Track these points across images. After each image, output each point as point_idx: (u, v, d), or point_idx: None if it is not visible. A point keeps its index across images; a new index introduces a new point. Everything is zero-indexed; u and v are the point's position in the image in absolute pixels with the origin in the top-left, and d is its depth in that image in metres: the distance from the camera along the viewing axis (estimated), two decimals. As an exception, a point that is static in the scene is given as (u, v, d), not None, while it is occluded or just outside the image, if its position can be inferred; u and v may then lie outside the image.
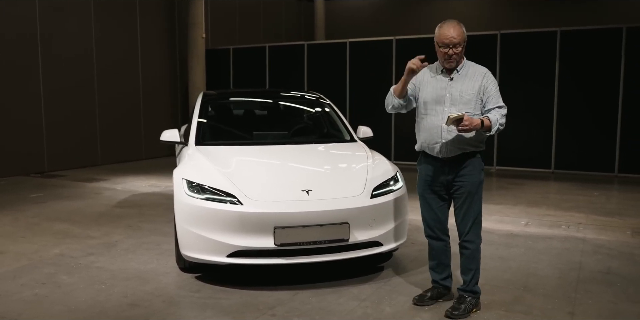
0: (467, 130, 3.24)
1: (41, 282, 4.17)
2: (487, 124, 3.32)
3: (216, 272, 4.28)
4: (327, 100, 6.02)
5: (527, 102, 9.69)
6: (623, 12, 14.61)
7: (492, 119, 3.35)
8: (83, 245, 5.15)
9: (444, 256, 3.72)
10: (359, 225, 3.98)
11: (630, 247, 5.10)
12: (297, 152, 4.96)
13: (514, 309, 3.64)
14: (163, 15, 12.43)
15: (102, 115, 10.92)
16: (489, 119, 3.34)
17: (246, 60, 12.84)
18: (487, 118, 3.35)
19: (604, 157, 9.40)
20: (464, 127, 3.22)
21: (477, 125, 3.25)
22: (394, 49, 10.92)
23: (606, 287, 4.03)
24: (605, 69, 9.30)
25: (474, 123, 3.23)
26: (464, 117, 3.20)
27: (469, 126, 3.21)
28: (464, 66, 3.52)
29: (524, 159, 9.97)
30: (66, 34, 10.16)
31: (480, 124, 3.27)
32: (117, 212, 6.60)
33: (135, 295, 3.88)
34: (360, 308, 3.66)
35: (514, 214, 6.45)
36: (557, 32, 9.62)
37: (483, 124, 3.29)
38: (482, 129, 3.32)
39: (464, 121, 3.20)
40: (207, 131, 5.29)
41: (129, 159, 11.52)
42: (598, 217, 6.29)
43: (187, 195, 4.06)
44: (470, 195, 3.49)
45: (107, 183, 8.76)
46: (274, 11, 16.61)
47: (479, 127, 3.27)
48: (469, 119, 3.22)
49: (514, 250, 4.99)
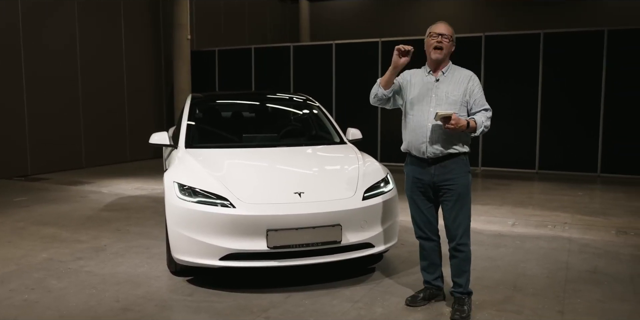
0: (452, 129, 3.31)
1: (30, 287, 4.12)
2: (473, 126, 3.41)
3: (208, 275, 4.28)
4: (316, 103, 6.04)
5: (511, 103, 9.80)
6: (605, 15, 14.83)
7: (477, 121, 3.44)
8: (71, 250, 5.11)
9: (435, 256, 3.75)
10: (351, 227, 4.01)
11: (615, 246, 5.19)
12: (288, 155, 4.96)
13: (505, 308, 3.68)
14: (148, 16, 12.36)
15: (86, 117, 10.83)
16: (475, 120, 3.43)
17: (232, 61, 12.81)
18: (473, 120, 3.43)
19: (587, 157, 9.55)
20: (450, 126, 3.29)
21: (462, 126, 3.33)
22: (380, 51, 10.98)
23: (594, 286, 4.10)
24: (588, 70, 9.46)
25: (460, 123, 3.31)
26: (452, 116, 3.28)
27: (454, 126, 3.28)
28: (450, 69, 3.60)
29: (508, 159, 10.09)
30: (49, 36, 10.06)
31: (466, 125, 3.35)
32: (104, 216, 6.55)
33: (127, 300, 3.86)
34: (354, 309, 3.68)
35: (500, 214, 6.53)
36: (540, 35, 9.76)
37: (469, 125, 3.37)
38: (468, 130, 3.40)
39: (451, 120, 3.27)
40: (196, 134, 5.27)
41: (113, 162, 11.44)
42: (583, 217, 6.38)
43: (179, 199, 4.04)
44: (461, 198, 3.53)
45: (93, 186, 8.69)
46: (258, 12, 16.59)
47: (465, 128, 3.35)
48: (456, 118, 3.29)
49: (502, 250, 5.05)
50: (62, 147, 10.36)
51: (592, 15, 14.98)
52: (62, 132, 10.37)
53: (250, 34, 16.02)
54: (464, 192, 3.54)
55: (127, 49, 11.76)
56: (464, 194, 3.54)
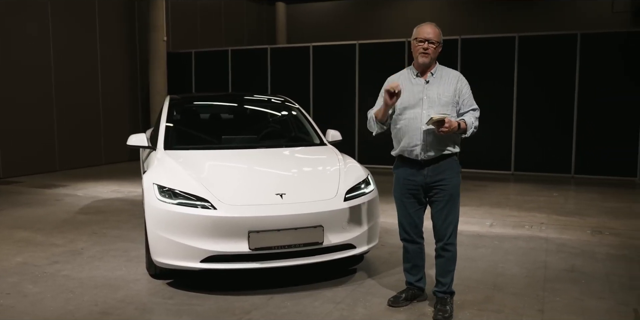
0: (447, 132, 3.31)
1: (5, 292, 4.02)
2: (464, 127, 3.42)
3: (188, 278, 4.23)
4: (296, 104, 6.02)
5: (487, 106, 9.82)
6: (577, 19, 15.12)
7: (467, 122, 3.45)
8: (47, 253, 5.00)
9: (419, 258, 3.76)
10: (333, 228, 4.00)
11: (591, 245, 5.28)
12: (268, 156, 4.94)
13: (486, 308, 3.72)
14: (123, 18, 12.21)
15: (60, 119, 10.63)
16: (465, 121, 3.44)
17: (208, 63, 12.73)
18: (463, 121, 3.44)
19: (561, 159, 9.72)
20: (444, 130, 3.29)
21: (455, 128, 3.33)
22: (357, 53, 11.02)
23: (572, 285, 4.16)
24: (562, 73, 9.63)
25: (453, 126, 3.31)
26: (445, 119, 3.27)
27: (449, 129, 3.28)
28: (437, 69, 3.60)
29: (484, 161, 10.20)
30: (23, 37, 9.86)
31: (458, 127, 3.36)
32: (80, 219, 6.44)
33: (106, 304, 3.79)
34: (337, 310, 3.67)
35: (478, 215, 6.59)
36: (515, 38, 9.90)
37: (459, 126, 3.38)
38: (459, 131, 3.40)
39: (445, 123, 3.27)
40: (175, 135, 5.21)
41: (88, 164, 11.26)
42: (559, 217, 6.48)
43: (159, 201, 3.99)
44: (452, 199, 3.54)
45: (67, 189, 8.54)
46: (235, 14, 16.52)
47: (457, 129, 3.36)
48: (449, 121, 3.29)
49: (481, 251, 5.10)
50: (35, 149, 10.15)
51: (565, 19, 15.26)
52: (36, 134, 10.16)
53: (227, 35, 15.94)
54: (455, 192, 3.55)
55: (102, 51, 11.58)
56: (456, 194, 3.56)
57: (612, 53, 9.33)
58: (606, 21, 14.60)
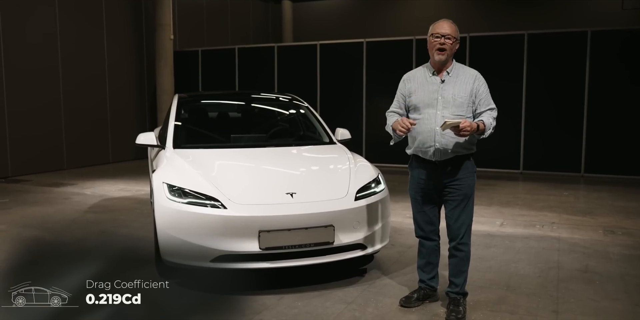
0: (467, 135, 3.25)
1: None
2: (482, 128, 3.34)
3: (197, 277, 4.19)
4: (305, 103, 5.98)
5: (496, 104, 9.79)
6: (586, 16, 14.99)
7: (486, 122, 3.36)
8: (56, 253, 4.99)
9: (434, 256, 3.71)
10: (344, 227, 3.96)
11: (604, 245, 5.22)
12: (278, 155, 4.90)
13: (499, 308, 3.67)
14: (130, 17, 12.20)
15: (67, 118, 10.63)
16: (483, 122, 3.35)
17: (215, 62, 12.71)
18: (482, 122, 3.35)
19: (571, 157, 9.63)
20: (465, 133, 3.22)
21: (474, 130, 3.27)
22: (365, 51, 10.97)
23: (586, 285, 4.11)
24: (572, 71, 9.54)
25: (473, 127, 3.24)
26: (460, 123, 3.20)
27: (469, 131, 3.23)
28: (454, 68, 3.52)
29: (493, 160, 10.11)
30: (31, 35, 9.86)
31: (477, 128, 3.29)
32: (89, 218, 6.42)
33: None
34: (348, 311, 3.63)
35: (489, 215, 6.54)
36: (524, 35, 9.82)
37: (478, 127, 3.31)
38: (477, 132, 3.33)
39: (465, 127, 3.19)
40: (184, 134, 5.18)
41: (95, 163, 11.26)
42: (570, 217, 6.42)
43: (169, 200, 3.96)
44: (466, 198, 3.49)
45: (75, 188, 8.53)
46: (241, 13, 16.48)
47: (475, 130, 3.29)
48: (466, 123, 3.20)
49: (493, 251, 5.04)
50: (43, 148, 10.16)
51: (575, 17, 15.13)
52: (44, 133, 10.16)
53: (233, 34, 15.91)
54: (469, 192, 3.50)
55: (109, 49, 11.58)
56: (470, 194, 3.51)
57: (623, 51, 9.23)
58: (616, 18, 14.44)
